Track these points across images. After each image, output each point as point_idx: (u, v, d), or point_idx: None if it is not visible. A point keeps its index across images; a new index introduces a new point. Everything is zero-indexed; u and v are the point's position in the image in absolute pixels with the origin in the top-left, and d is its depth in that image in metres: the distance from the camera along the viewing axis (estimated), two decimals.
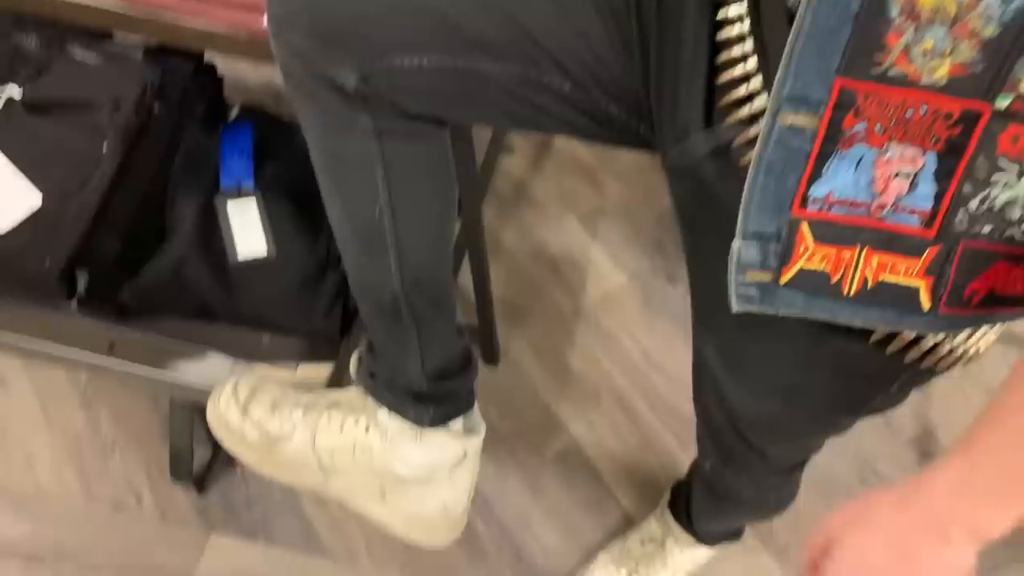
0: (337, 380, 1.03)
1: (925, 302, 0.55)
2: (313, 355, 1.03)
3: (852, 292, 0.56)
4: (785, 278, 0.56)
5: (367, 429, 0.92)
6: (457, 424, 0.94)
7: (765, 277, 0.56)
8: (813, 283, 0.56)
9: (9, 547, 1.28)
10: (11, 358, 1.44)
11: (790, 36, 0.50)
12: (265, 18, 0.86)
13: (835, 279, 0.56)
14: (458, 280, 1.42)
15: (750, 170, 0.54)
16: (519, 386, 1.47)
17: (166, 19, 0.89)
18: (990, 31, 0.46)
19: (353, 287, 0.86)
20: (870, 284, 0.55)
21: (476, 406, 0.96)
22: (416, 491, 0.93)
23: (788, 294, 0.57)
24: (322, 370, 1.03)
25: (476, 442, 0.94)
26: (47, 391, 1.43)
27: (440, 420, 0.91)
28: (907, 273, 0.55)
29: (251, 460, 0.96)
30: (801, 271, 0.56)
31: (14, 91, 1.00)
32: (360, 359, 0.93)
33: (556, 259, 1.63)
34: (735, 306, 0.57)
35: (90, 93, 0.99)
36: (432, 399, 0.89)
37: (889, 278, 0.55)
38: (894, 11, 0.47)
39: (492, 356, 1.47)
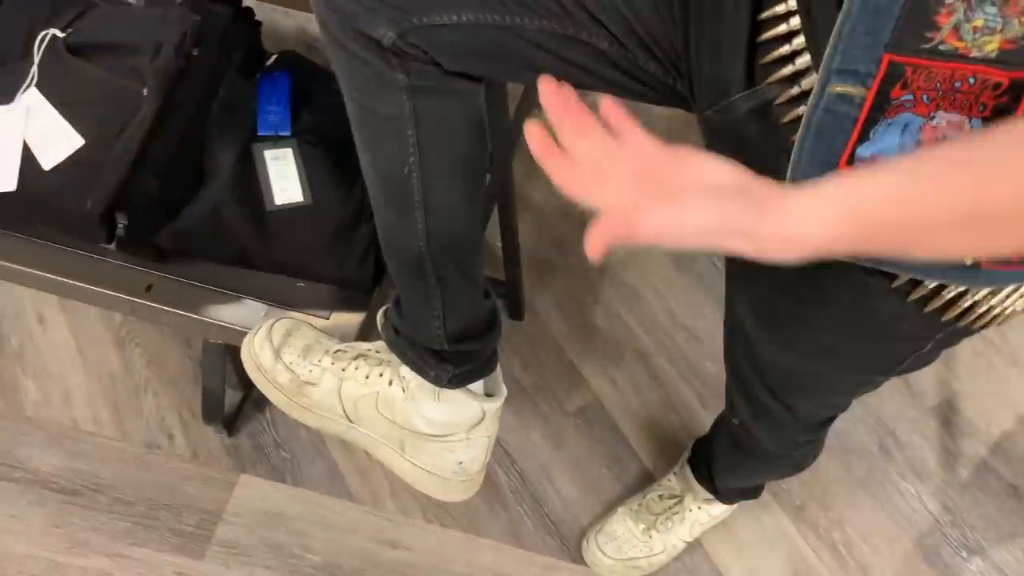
0: (368, 330, 1.05)
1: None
2: (345, 304, 1.05)
3: None
4: None
5: (390, 382, 0.93)
6: (478, 385, 0.95)
7: None
8: None
9: (47, 480, 1.33)
10: (49, 297, 1.48)
11: (839, 17, 0.50)
12: None
13: None
14: (486, 234, 1.43)
15: (799, 132, 0.55)
16: (543, 340, 1.49)
17: None
18: None
19: (381, 242, 0.87)
20: None
21: (499, 369, 0.97)
22: (434, 447, 0.95)
23: None
24: (354, 319, 1.05)
25: (496, 405, 0.95)
26: (83, 331, 1.47)
27: (459, 381, 0.92)
28: None
29: (279, 402, 0.98)
30: None
31: (57, 34, 1.01)
32: (387, 314, 0.95)
33: (584, 215, 1.63)
34: None
35: (131, 36, 1.00)
36: (452, 359, 0.90)
37: None
38: None
39: (517, 311, 1.49)
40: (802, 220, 0.50)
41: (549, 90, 0.56)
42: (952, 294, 0.61)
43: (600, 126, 0.56)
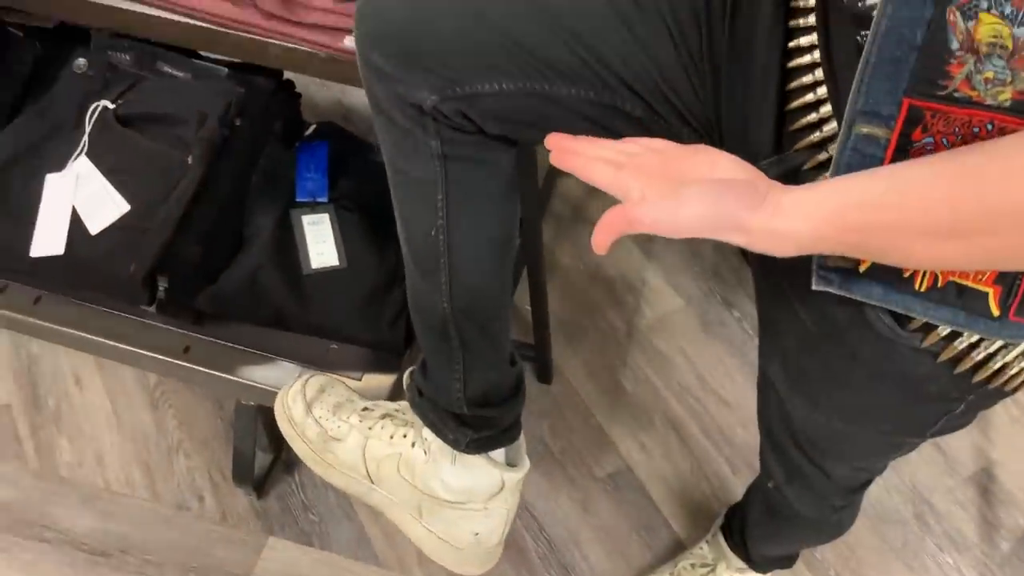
0: (399, 392, 1.06)
1: (994, 308, 0.56)
2: (377, 366, 1.06)
3: (923, 288, 0.57)
4: (864, 266, 0.58)
5: (413, 444, 0.94)
6: (499, 455, 0.94)
7: (846, 264, 0.59)
8: (888, 274, 0.58)
9: (77, 540, 1.33)
10: (86, 358, 1.50)
11: (859, 64, 0.52)
12: (347, 39, 0.90)
13: (907, 273, 0.57)
14: (514, 298, 1.45)
15: (829, 172, 0.56)
16: (572, 405, 1.49)
17: (251, 39, 0.93)
18: None
19: (409, 301, 0.89)
20: (940, 283, 0.57)
21: (522, 440, 0.97)
22: (450, 514, 0.95)
23: (866, 283, 0.59)
24: (385, 380, 1.06)
25: (517, 476, 0.95)
26: (117, 392, 1.49)
27: (479, 447, 0.92)
28: (976, 279, 0.56)
29: (306, 456, 0.98)
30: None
31: (108, 105, 1.06)
32: (412, 375, 0.95)
33: (612, 280, 1.64)
34: (815, 284, 0.60)
35: (178, 108, 1.04)
36: (472, 423, 0.90)
37: (959, 280, 0.57)
38: (955, 44, 0.49)
39: (546, 374, 1.49)
40: (790, 216, 0.53)
41: (558, 137, 0.61)
42: (981, 355, 0.61)
43: (616, 142, 0.61)
